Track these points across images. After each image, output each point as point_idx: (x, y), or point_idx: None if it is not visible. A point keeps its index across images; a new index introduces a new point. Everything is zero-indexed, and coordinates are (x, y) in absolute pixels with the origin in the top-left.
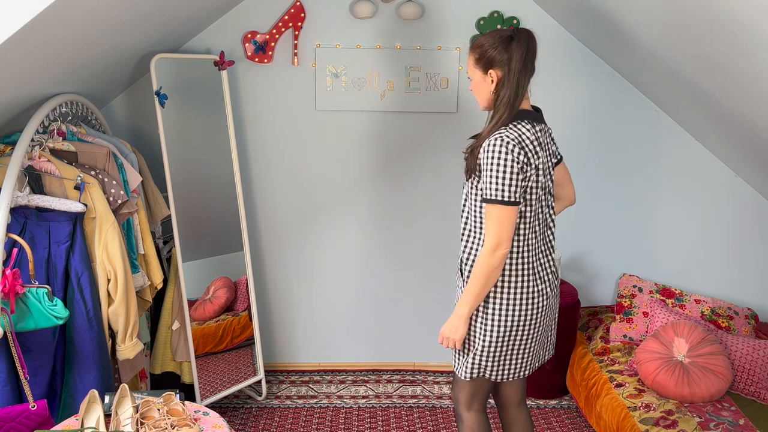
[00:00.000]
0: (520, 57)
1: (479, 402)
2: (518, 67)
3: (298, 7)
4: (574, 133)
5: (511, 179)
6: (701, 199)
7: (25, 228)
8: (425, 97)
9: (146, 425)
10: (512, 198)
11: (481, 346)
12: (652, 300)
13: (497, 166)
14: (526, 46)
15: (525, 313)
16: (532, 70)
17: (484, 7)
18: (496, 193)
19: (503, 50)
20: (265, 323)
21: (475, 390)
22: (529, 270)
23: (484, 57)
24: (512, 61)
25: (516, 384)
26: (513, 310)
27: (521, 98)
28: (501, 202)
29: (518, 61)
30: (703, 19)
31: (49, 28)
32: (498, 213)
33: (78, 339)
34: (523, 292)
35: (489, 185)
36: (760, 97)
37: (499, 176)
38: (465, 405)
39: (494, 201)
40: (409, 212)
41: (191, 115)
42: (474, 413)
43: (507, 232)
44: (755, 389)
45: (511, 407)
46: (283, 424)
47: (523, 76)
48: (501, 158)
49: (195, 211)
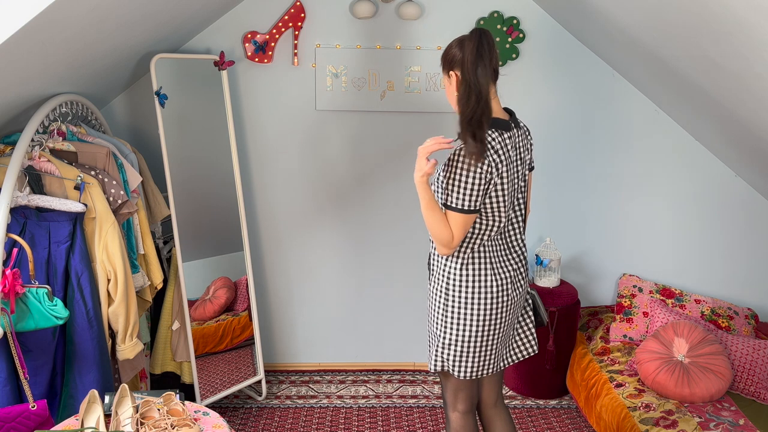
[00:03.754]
0: (471, 50)
1: (463, 402)
2: (470, 59)
3: (298, 7)
4: (574, 133)
5: (472, 191)
6: (701, 199)
7: (25, 228)
8: (425, 97)
9: (146, 425)
10: (472, 207)
11: (442, 342)
12: (652, 300)
13: (460, 176)
14: (477, 39)
15: (486, 311)
16: (492, 69)
17: (484, 7)
18: (457, 201)
19: (458, 49)
20: (265, 323)
21: (457, 388)
22: (488, 268)
23: (446, 58)
24: (465, 56)
25: (488, 384)
26: (473, 309)
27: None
28: (461, 211)
29: (470, 54)
30: (702, 19)
31: (49, 28)
32: (456, 218)
33: (78, 339)
34: (484, 291)
35: (451, 192)
36: (759, 97)
37: (461, 187)
38: (450, 405)
39: (455, 209)
40: (410, 212)
41: (191, 115)
42: (459, 414)
43: (461, 235)
44: (755, 389)
45: (487, 408)
46: (283, 424)
47: (479, 68)
48: (464, 170)
49: (195, 211)
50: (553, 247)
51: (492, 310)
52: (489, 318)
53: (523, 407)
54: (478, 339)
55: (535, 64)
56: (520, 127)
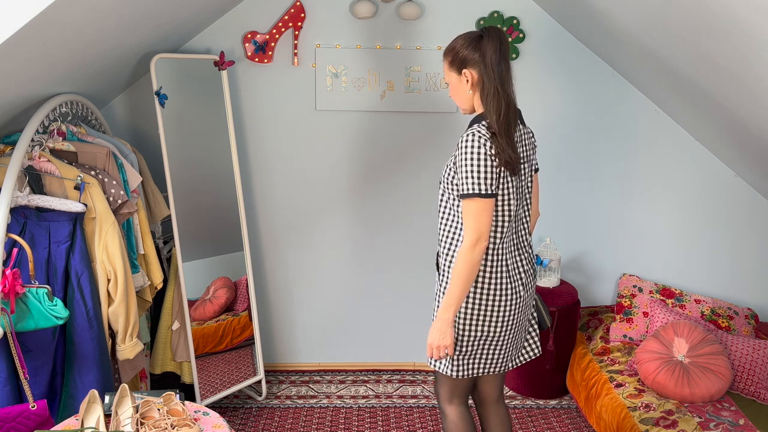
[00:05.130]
0: (494, 50)
1: (459, 396)
2: (494, 60)
3: (298, 7)
4: (574, 132)
5: (486, 172)
6: (701, 199)
7: (25, 228)
8: (425, 97)
9: (146, 425)
10: (488, 190)
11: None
12: (652, 300)
13: (471, 160)
14: (498, 39)
15: (497, 311)
16: (508, 66)
17: (484, 7)
18: (472, 186)
19: (474, 49)
20: (265, 323)
21: (455, 384)
22: (502, 268)
23: (458, 58)
24: (486, 57)
25: (492, 381)
26: (486, 308)
27: (509, 87)
28: (477, 195)
29: (493, 54)
30: (702, 19)
31: (49, 28)
32: (475, 206)
33: (78, 339)
34: (496, 290)
35: (465, 180)
36: (759, 97)
37: (473, 170)
38: (446, 399)
39: (471, 195)
40: (410, 212)
41: (191, 115)
42: (455, 406)
43: (486, 225)
44: (755, 389)
45: (488, 404)
46: (283, 424)
47: (503, 68)
48: (474, 152)
49: (195, 211)
50: (553, 247)
51: (505, 311)
52: (502, 318)
53: (523, 407)
54: (491, 338)
55: (535, 64)
56: (526, 127)
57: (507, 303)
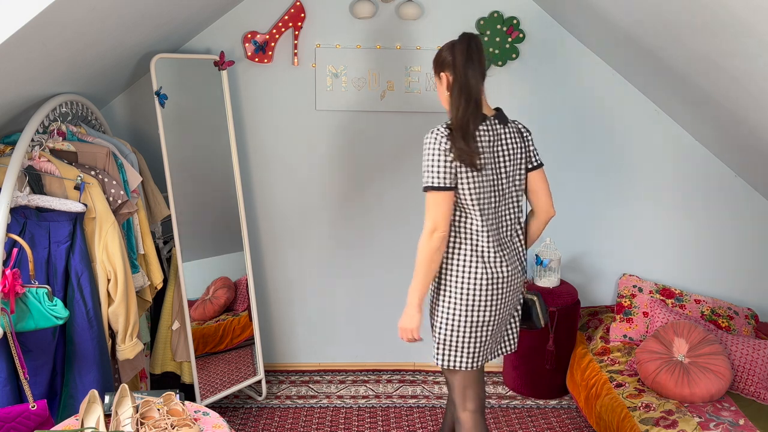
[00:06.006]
0: (461, 51)
1: (473, 401)
2: (461, 61)
3: (298, 7)
4: (574, 132)
5: (440, 166)
6: (701, 199)
7: (25, 228)
8: (425, 97)
9: (146, 425)
10: (442, 183)
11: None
12: (652, 300)
13: (428, 155)
14: (467, 42)
15: (475, 305)
16: (480, 70)
17: (484, 7)
18: (429, 180)
19: (449, 53)
20: (265, 323)
21: (464, 386)
22: (480, 263)
23: (437, 61)
24: (456, 59)
25: None
26: (463, 301)
27: (475, 91)
28: (433, 188)
29: (460, 56)
30: (702, 19)
31: (49, 28)
32: (432, 198)
33: (78, 339)
34: (475, 284)
35: (424, 174)
36: (759, 97)
37: (430, 164)
38: (460, 405)
39: (428, 188)
40: (409, 212)
41: (191, 115)
42: (469, 413)
43: (442, 216)
44: (755, 389)
45: None
46: (283, 424)
47: (470, 70)
48: (430, 148)
49: (195, 211)
50: (553, 247)
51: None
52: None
53: (523, 407)
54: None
55: (535, 64)
56: (507, 125)
57: (485, 299)
